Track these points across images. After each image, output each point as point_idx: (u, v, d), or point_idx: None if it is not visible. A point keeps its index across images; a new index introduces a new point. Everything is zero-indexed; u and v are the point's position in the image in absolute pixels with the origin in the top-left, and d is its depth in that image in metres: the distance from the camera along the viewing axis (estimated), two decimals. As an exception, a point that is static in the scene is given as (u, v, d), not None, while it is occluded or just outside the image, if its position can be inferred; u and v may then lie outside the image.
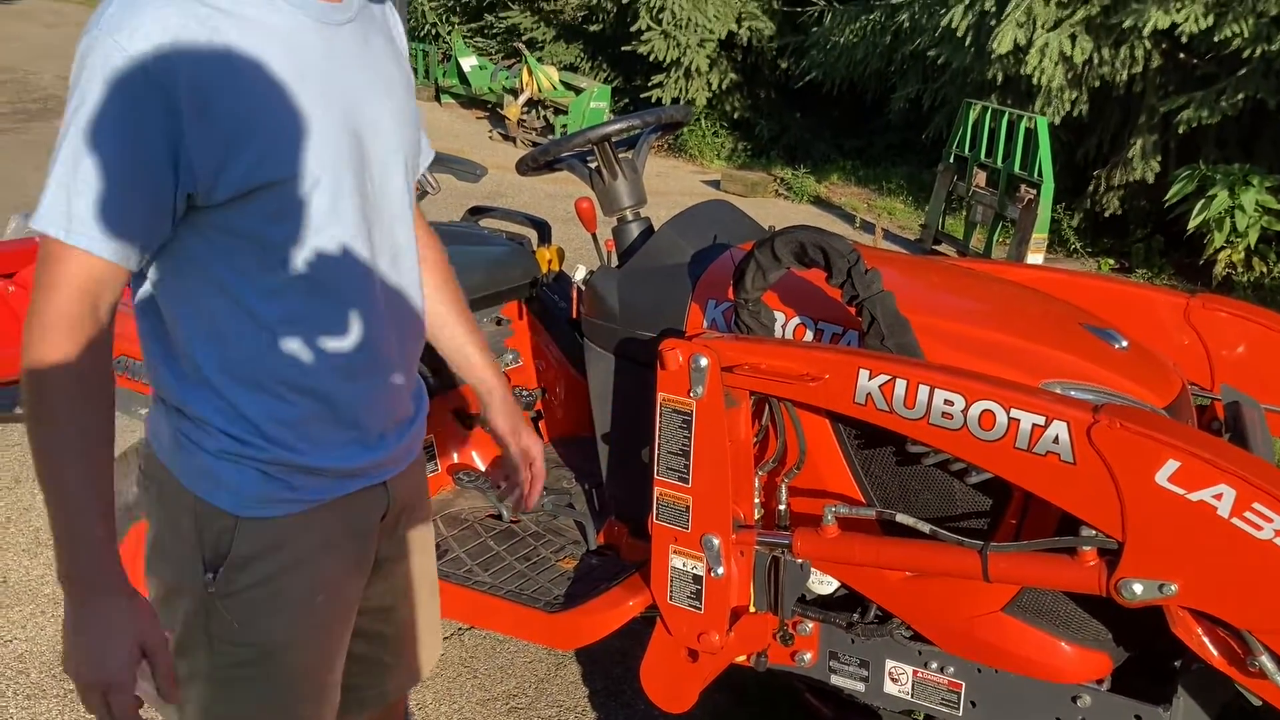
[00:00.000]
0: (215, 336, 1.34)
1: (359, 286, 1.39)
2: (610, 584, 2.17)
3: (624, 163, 2.34)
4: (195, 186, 1.24)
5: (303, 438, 1.39)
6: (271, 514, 1.39)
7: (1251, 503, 1.48)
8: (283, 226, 1.31)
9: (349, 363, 1.40)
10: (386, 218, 1.43)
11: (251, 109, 1.25)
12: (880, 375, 1.73)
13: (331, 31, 1.34)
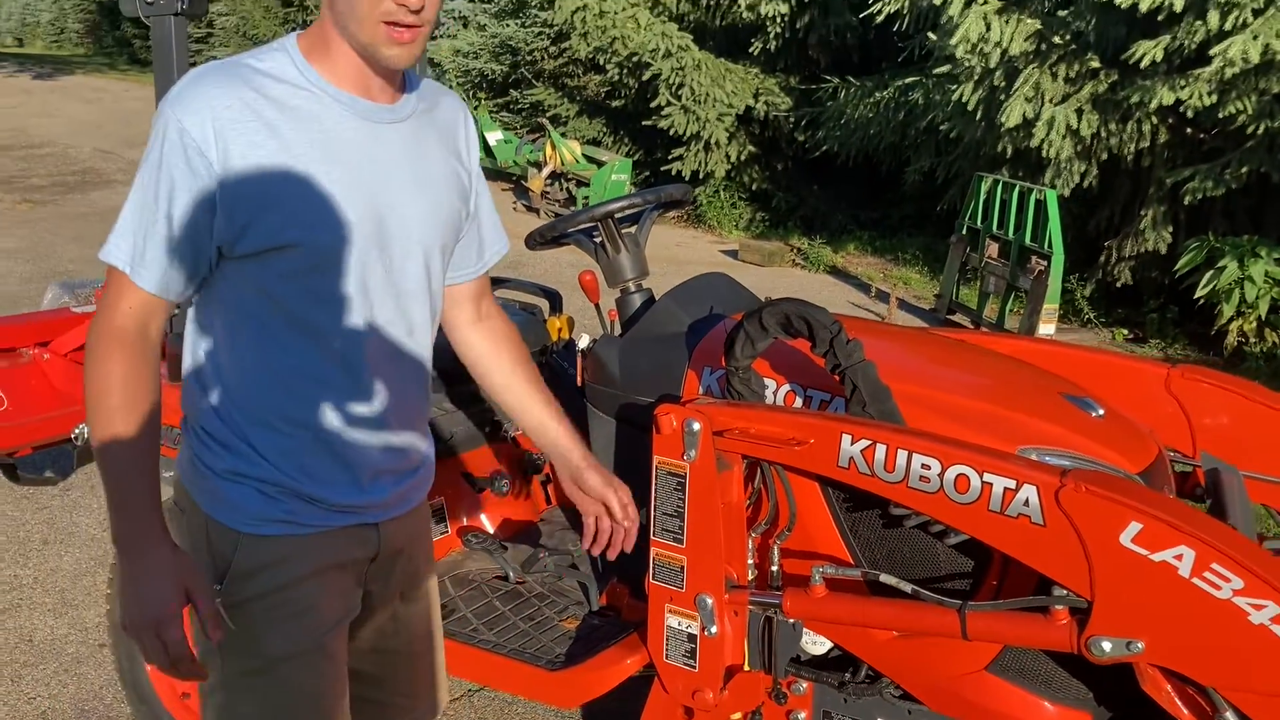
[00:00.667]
0: (232, 370, 1.55)
1: (365, 347, 1.56)
2: (610, 643, 2.25)
3: (627, 238, 2.47)
4: (225, 238, 1.46)
5: (300, 469, 1.56)
6: (269, 532, 1.57)
7: (1210, 563, 1.55)
8: (298, 282, 1.50)
9: (347, 411, 1.57)
10: (402, 294, 1.61)
11: (278, 181, 1.46)
12: (862, 440, 1.82)
13: (376, 129, 1.55)
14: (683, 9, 12.30)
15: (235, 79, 1.47)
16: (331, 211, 1.50)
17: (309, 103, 1.50)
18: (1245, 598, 1.54)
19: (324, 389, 1.56)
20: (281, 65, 1.51)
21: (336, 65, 1.52)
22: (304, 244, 1.48)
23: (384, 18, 1.44)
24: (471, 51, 15.91)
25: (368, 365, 1.58)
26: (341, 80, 1.52)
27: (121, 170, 14.08)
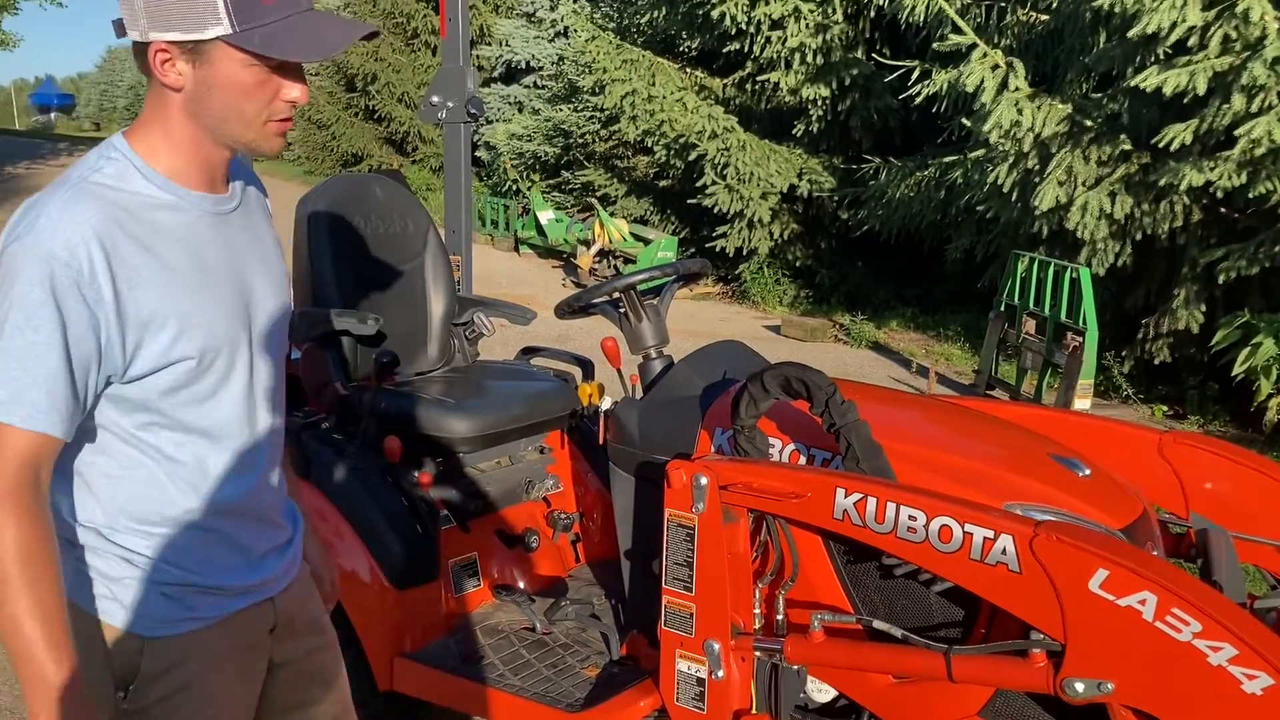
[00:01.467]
0: (117, 479, 1.49)
1: (246, 436, 1.58)
2: (626, 688, 2.38)
3: (649, 308, 2.65)
4: (115, 366, 1.41)
5: (199, 561, 1.54)
6: (175, 632, 1.53)
7: (1171, 607, 1.67)
8: (183, 393, 1.48)
9: (237, 501, 1.57)
10: (269, 373, 1.63)
11: (162, 300, 1.43)
12: (854, 494, 1.96)
13: (225, 221, 1.54)
14: (729, 93, 12.65)
15: (94, 199, 1.40)
16: (212, 318, 1.49)
17: (169, 212, 1.47)
18: (1204, 640, 1.65)
19: (212, 484, 1.55)
20: (127, 175, 1.46)
21: (184, 166, 1.49)
22: (192, 355, 1.47)
23: (275, 116, 1.47)
24: (526, 134, 16.43)
25: (251, 451, 1.59)
26: (189, 180, 1.50)
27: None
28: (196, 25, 1.39)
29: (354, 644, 2.60)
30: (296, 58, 1.44)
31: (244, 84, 1.43)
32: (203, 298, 1.48)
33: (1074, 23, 8.39)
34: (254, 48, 1.41)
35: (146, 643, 1.51)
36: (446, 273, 3.32)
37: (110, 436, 1.48)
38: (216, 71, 1.42)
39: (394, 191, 3.27)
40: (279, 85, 1.46)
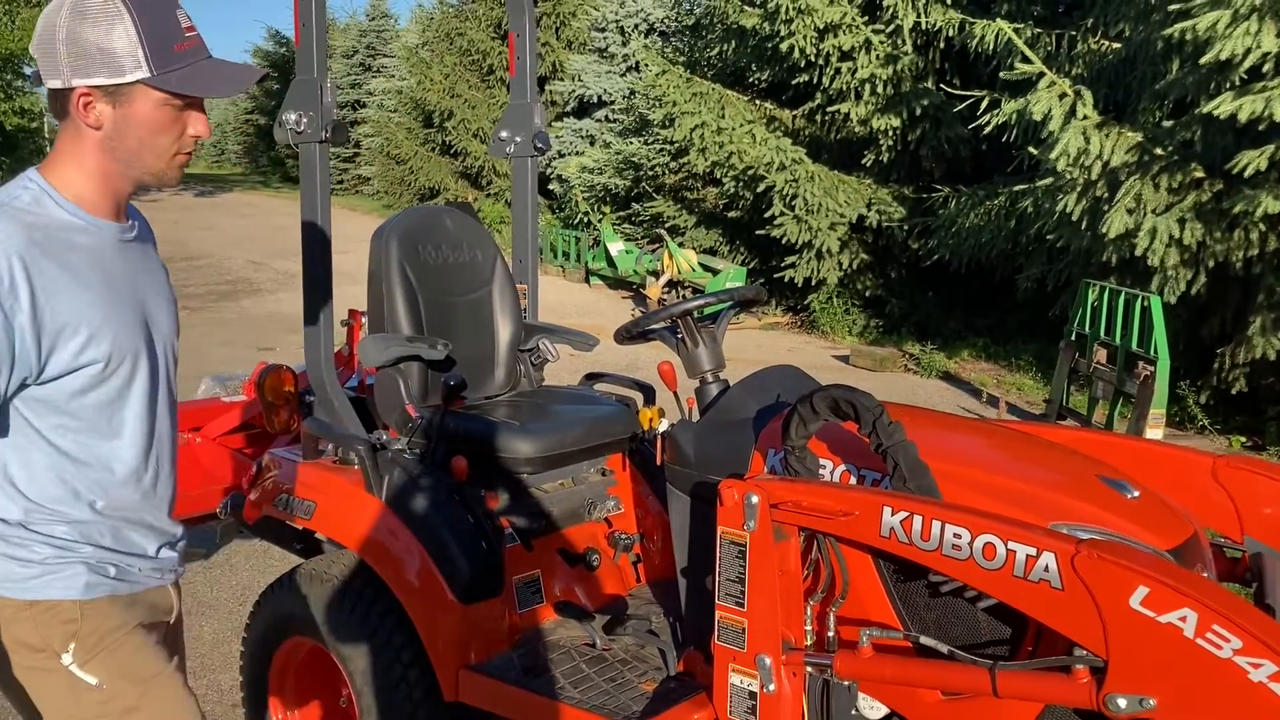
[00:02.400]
0: (32, 483, 1.69)
1: (148, 432, 1.79)
2: (681, 702, 2.45)
3: (705, 333, 2.73)
4: (29, 369, 1.60)
5: (113, 540, 1.77)
6: (99, 594, 1.74)
7: (1211, 624, 1.70)
8: (90, 396, 1.68)
9: (140, 495, 1.79)
10: (164, 381, 1.83)
11: (74, 311, 1.62)
12: (901, 512, 2.01)
13: (124, 247, 1.76)
14: (798, 124, 12.75)
15: (14, 221, 1.60)
16: (118, 328, 1.69)
17: (83, 236, 1.67)
18: (1244, 657, 1.67)
19: (118, 480, 1.76)
20: (43, 202, 1.65)
21: (94, 196, 1.70)
22: (99, 360, 1.66)
23: (182, 150, 1.72)
24: (597, 168, 16.68)
25: (152, 451, 1.80)
26: (98, 209, 1.71)
27: (270, 280, 15.08)
28: (118, 71, 1.61)
29: (421, 656, 2.71)
30: (208, 94, 1.70)
31: (158, 121, 1.67)
32: (110, 310, 1.68)
33: (1146, 50, 8.34)
34: (171, 88, 1.65)
35: (83, 605, 1.73)
36: (513, 300, 3.44)
37: (25, 441, 1.67)
38: (135, 110, 1.66)
39: (463, 222, 3.40)
40: (185, 122, 1.71)
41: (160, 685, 1.79)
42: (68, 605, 1.72)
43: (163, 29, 1.64)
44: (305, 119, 2.88)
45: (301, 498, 2.91)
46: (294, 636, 2.98)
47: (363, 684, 2.78)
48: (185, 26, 1.69)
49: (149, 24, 1.63)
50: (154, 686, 1.78)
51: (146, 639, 1.81)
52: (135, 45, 1.61)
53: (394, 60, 28.16)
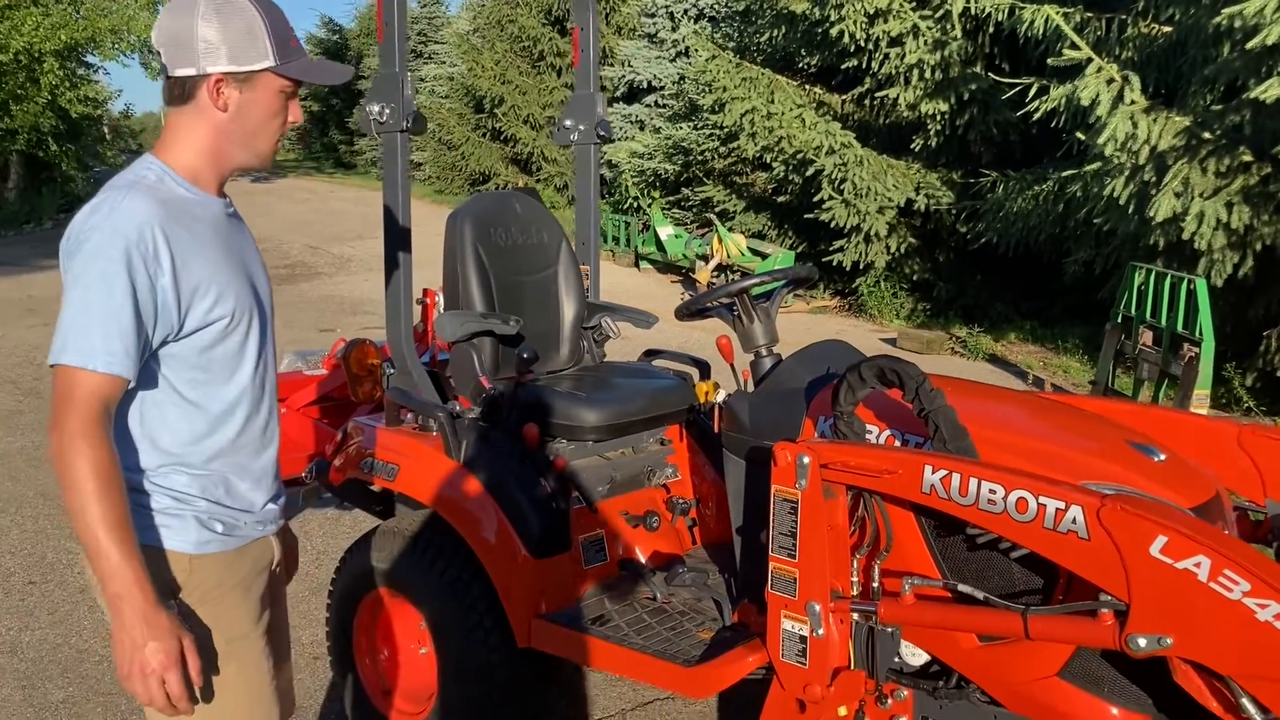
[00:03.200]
0: (163, 428, 1.88)
1: (259, 389, 2.00)
2: (736, 647, 2.66)
3: (760, 310, 2.93)
4: (168, 329, 1.80)
5: (225, 495, 1.96)
6: (209, 550, 1.93)
7: (1223, 569, 1.87)
8: (218, 349, 1.89)
9: (253, 447, 2.00)
10: (269, 341, 2.04)
11: (203, 272, 1.83)
12: (940, 470, 2.20)
13: (229, 220, 1.98)
14: (847, 109, 12.84)
15: (152, 196, 1.80)
16: (235, 287, 1.90)
17: (201, 209, 1.89)
18: (1253, 598, 1.85)
19: (235, 433, 1.95)
20: (165, 181, 1.87)
21: (205, 176, 1.91)
22: (225, 316, 1.87)
23: (283, 133, 1.97)
24: (647, 153, 16.85)
25: (264, 407, 2.02)
26: (208, 187, 1.92)
27: (327, 264, 15.44)
28: (249, 59, 1.85)
29: (496, 606, 2.94)
30: (322, 82, 1.97)
31: (274, 106, 1.92)
32: (229, 273, 1.90)
33: (1196, 34, 8.36)
34: (292, 75, 1.90)
35: (193, 559, 1.92)
36: (577, 281, 3.65)
37: (161, 395, 1.88)
38: (258, 95, 1.89)
39: (530, 207, 3.62)
40: (289, 110, 1.95)
41: (244, 645, 1.98)
42: (181, 557, 1.92)
43: (282, 27, 1.90)
44: (388, 110, 3.10)
45: (385, 461, 3.15)
46: (377, 590, 3.22)
47: (442, 632, 3.02)
48: (292, 30, 1.95)
49: (273, 22, 1.88)
50: (238, 646, 1.97)
51: (244, 597, 2.00)
52: (264, 38, 1.86)
53: (445, 46, 28.46)
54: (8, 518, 5.46)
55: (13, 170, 21.65)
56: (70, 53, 21.10)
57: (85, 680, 3.78)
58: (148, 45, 21.72)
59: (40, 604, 4.42)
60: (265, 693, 2.03)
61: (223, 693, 1.95)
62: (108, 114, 26.88)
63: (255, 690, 2.00)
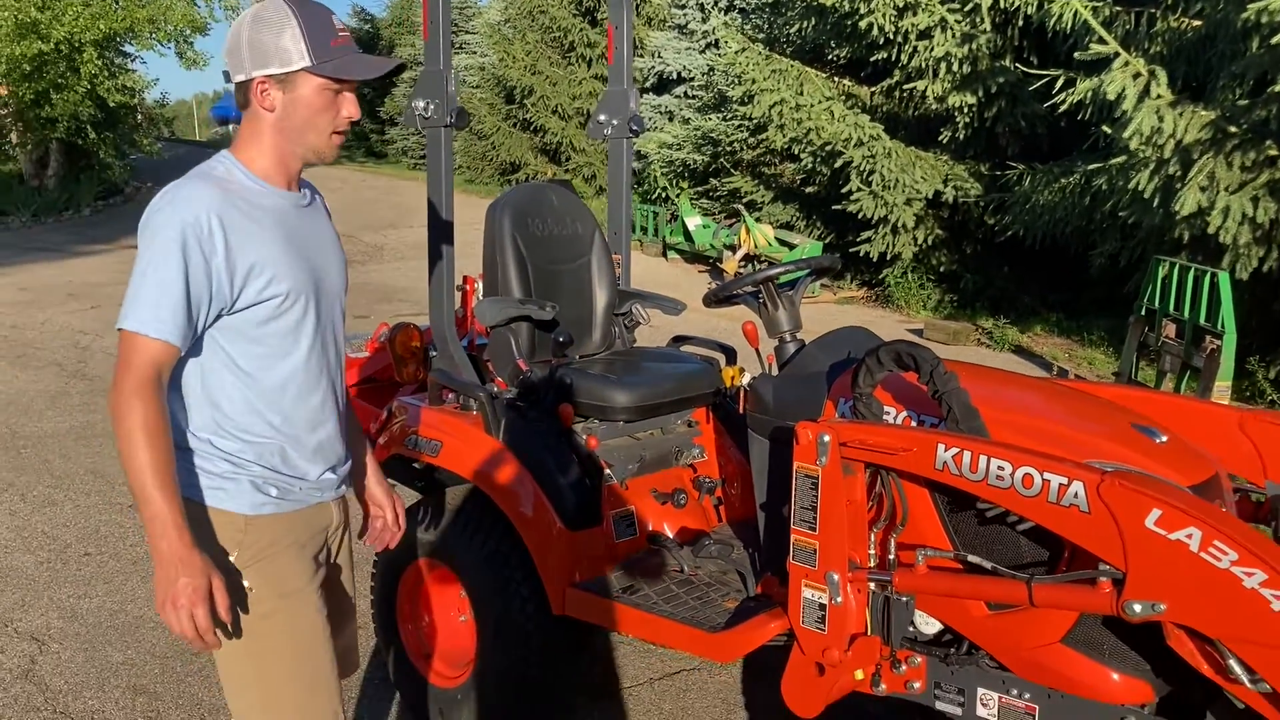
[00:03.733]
0: (223, 398, 2.06)
1: (316, 367, 2.15)
2: (759, 614, 2.82)
3: (784, 297, 3.08)
4: (225, 301, 1.98)
5: (280, 461, 2.12)
6: (263, 512, 2.10)
7: (1213, 540, 2.01)
8: (272, 325, 2.05)
9: (308, 418, 2.15)
10: (332, 327, 2.20)
11: (260, 254, 2.00)
12: (952, 448, 2.35)
13: (300, 212, 2.14)
14: (876, 101, 12.91)
15: (214, 186, 1.99)
16: (293, 271, 2.05)
17: (265, 199, 2.05)
18: (1240, 567, 1.99)
19: (290, 403, 2.11)
20: (234, 174, 2.05)
21: (271, 169, 2.08)
22: (279, 295, 2.03)
23: (337, 129, 2.08)
24: (676, 144, 16.97)
25: (319, 380, 2.15)
26: (274, 179, 2.09)
27: (360, 252, 15.66)
28: (287, 62, 2.00)
29: (532, 575, 3.11)
30: (353, 78, 2.05)
31: (318, 103, 2.04)
32: (287, 257, 2.05)
33: (1225, 28, 8.40)
34: (328, 73, 2.02)
35: (248, 520, 2.09)
36: (610, 269, 3.82)
37: (219, 365, 2.05)
38: (300, 95, 2.03)
39: (565, 198, 3.79)
40: (340, 105, 2.07)
41: (296, 600, 2.14)
42: (237, 517, 2.09)
43: (320, 29, 2.04)
44: (432, 106, 3.27)
45: (429, 438, 3.33)
46: (419, 560, 3.40)
47: (481, 600, 3.20)
48: (339, 28, 2.08)
49: (310, 26, 2.03)
50: (290, 601, 2.13)
51: (297, 556, 2.17)
52: (300, 41, 2.01)
53: (476, 36, 28.65)
54: (61, 493, 5.70)
55: (52, 158, 22.04)
56: (109, 42, 21.43)
57: (142, 644, 3.99)
58: (183, 35, 22.08)
59: (96, 574, 4.64)
60: (315, 647, 2.18)
61: (271, 644, 2.13)
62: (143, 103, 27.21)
63: (305, 644, 2.16)
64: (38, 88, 19.79)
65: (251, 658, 2.13)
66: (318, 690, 2.18)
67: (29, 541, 5.02)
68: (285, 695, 2.15)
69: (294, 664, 2.15)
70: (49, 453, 6.39)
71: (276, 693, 2.15)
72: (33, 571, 4.67)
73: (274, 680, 2.14)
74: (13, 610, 4.29)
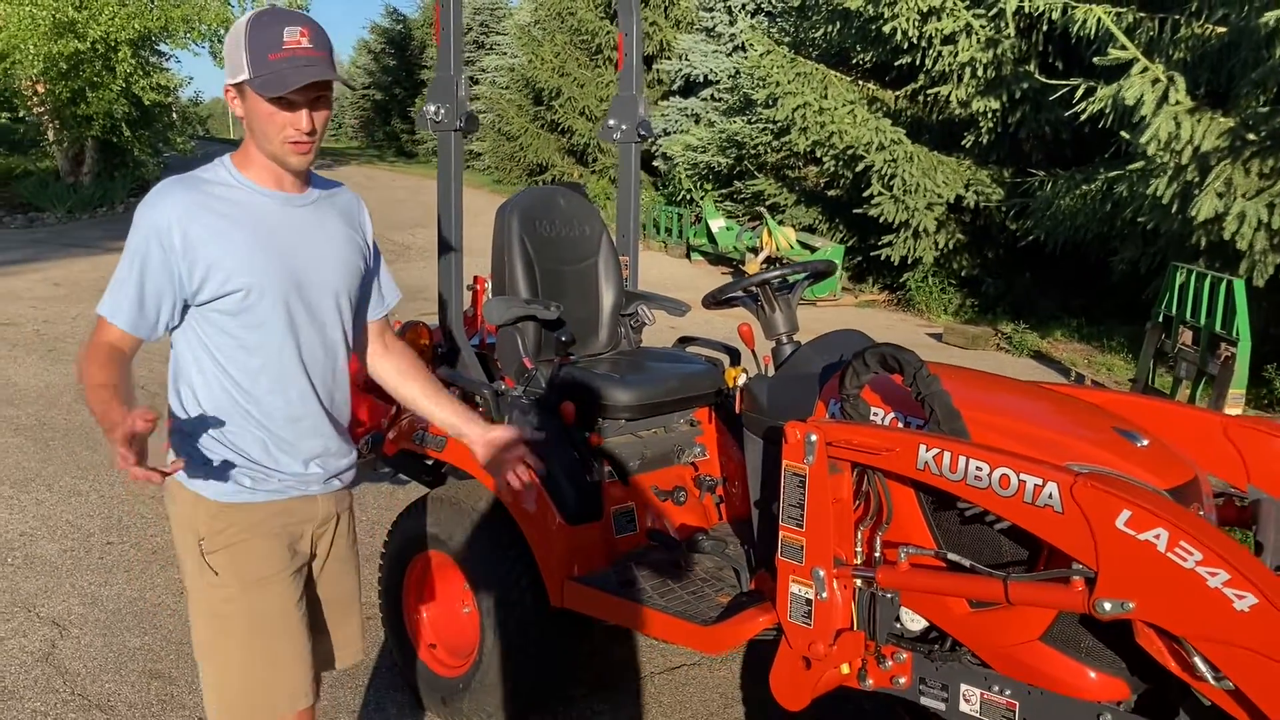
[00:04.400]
0: (199, 385, 2.18)
1: (290, 361, 2.22)
2: (749, 609, 2.89)
3: (781, 300, 3.16)
4: (188, 291, 2.11)
5: (257, 453, 2.21)
6: (237, 500, 2.20)
7: (1179, 541, 2.07)
8: (241, 318, 2.14)
9: (281, 413, 2.22)
10: (320, 323, 2.25)
11: (221, 251, 2.10)
12: (933, 449, 2.41)
13: (288, 210, 2.21)
14: (900, 105, 12.94)
15: (189, 186, 2.12)
16: (260, 267, 2.13)
17: (241, 196, 2.16)
18: (1204, 567, 2.05)
19: (262, 397, 2.19)
20: (220, 174, 2.17)
21: (258, 171, 2.18)
22: (243, 288, 2.11)
23: (287, 139, 2.10)
24: (700, 146, 17.04)
25: (296, 373, 2.22)
26: (262, 180, 2.18)
27: (388, 251, 15.75)
28: (236, 73, 2.09)
29: (532, 568, 3.20)
30: (273, 92, 2.05)
31: (262, 113, 2.10)
32: (253, 254, 2.13)
33: (1248, 36, 8.38)
34: (256, 88, 2.06)
35: (220, 505, 2.19)
36: (616, 271, 3.90)
37: (200, 354, 2.17)
38: (249, 104, 2.11)
39: (574, 201, 3.88)
40: (287, 117, 2.09)
41: (262, 589, 2.22)
42: (210, 503, 2.19)
43: (266, 42, 2.06)
44: (443, 110, 3.36)
45: (435, 434, 3.43)
46: (425, 552, 3.50)
47: (483, 591, 3.29)
48: (288, 41, 2.07)
49: (256, 38, 2.06)
50: (255, 588, 2.21)
51: (269, 545, 2.23)
52: (243, 53, 2.07)
53: (506, 38, 28.83)
54: (87, 483, 5.85)
55: (88, 155, 22.37)
56: (144, 41, 21.74)
57: (160, 630, 4.12)
58: (217, 34, 22.36)
59: (118, 562, 4.77)
60: (280, 631, 2.26)
61: (228, 625, 2.23)
62: (177, 101, 27.56)
63: (267, 628, 2.24)
64: (74, 86, 20.10)
65: (211, 639, 2.27)
66: (277, 673, 2.27)
67: (54, 530, 5.16)
68: (237, 677, 2.27)
69: (251, 649, 2.24)
70: (76, 444, 6.55)
71: (228, 674, 2.27)
72: (56, 559, 4.81)
73: (228, 662, 2.27)
74: (36, 596, 4.43)
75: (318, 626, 2.42)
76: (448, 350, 3.59)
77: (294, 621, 2.28)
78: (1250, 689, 2.05)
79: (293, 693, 2.28)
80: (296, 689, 2.28)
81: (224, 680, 2.27)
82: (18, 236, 17.76)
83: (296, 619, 2.28)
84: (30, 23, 18.61)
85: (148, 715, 3.56)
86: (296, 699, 2.29)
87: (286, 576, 2.27)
